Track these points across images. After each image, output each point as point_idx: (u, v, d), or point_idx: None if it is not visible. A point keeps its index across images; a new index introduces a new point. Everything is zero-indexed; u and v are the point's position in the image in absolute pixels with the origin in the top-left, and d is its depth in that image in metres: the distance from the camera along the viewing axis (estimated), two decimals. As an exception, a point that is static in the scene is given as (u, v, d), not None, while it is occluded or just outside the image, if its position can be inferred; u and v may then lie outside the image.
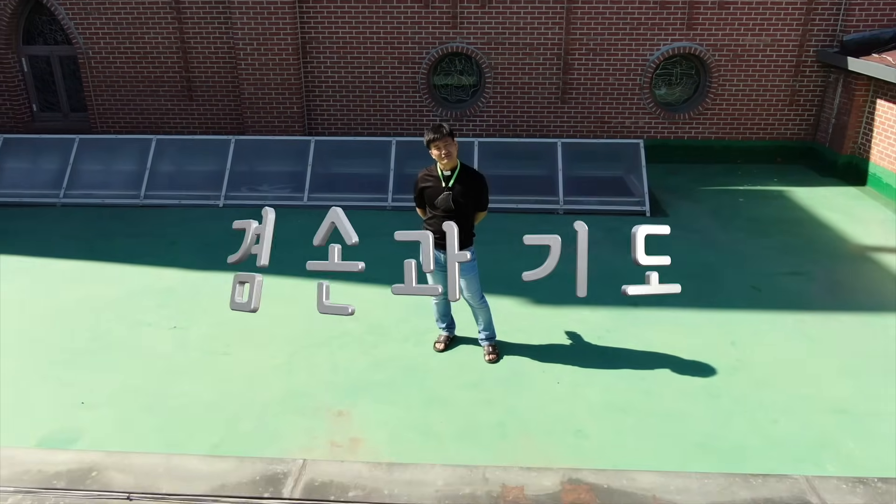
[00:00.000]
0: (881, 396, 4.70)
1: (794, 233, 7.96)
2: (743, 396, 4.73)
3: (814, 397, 4.73)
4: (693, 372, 5.07)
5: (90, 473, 2.80)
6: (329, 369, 5.08)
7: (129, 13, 10.35)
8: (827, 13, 9.73)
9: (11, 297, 6.36)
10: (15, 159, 9.19)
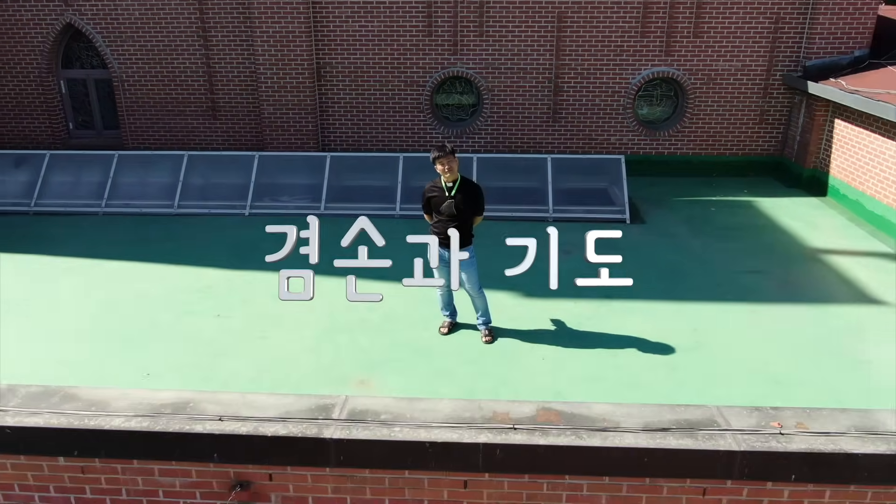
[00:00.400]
0: (812, 372, 5.69)
1: (757, 238, 8.97)
2: (696, 370, 5.71)
3: (756, 371, 5.71)
4: (658, 351, 6.04)
5: (188, 404, 3.75)
6: (351, 350, 6.06)
7: (161, 41, 11.41)
8: (791, 41, 10.80)
9: (73, 292, 7.35)
10: (60, 173, 10.21)
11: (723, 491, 3.57)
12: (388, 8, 10.97)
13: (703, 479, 3.54)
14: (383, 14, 11.01)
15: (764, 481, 3.51)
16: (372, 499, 3.69)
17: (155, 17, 11.31)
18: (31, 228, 9.41)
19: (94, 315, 6.76)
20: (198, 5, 11.16)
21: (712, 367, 5.76)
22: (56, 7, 11.35)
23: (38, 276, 7.78)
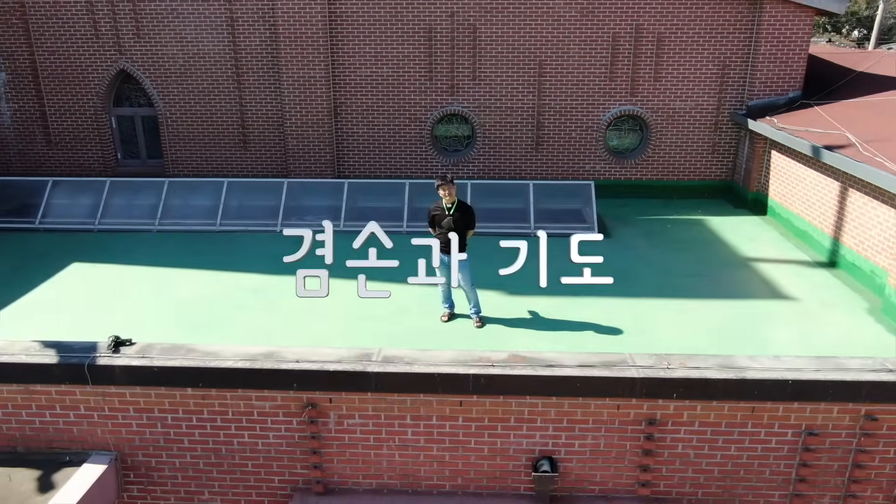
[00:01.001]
0: (721, 346, 7.51)
1: (702, 249, 10.85)
2: (633, 345, 7.54)
3: (675, 346, 7.54)
4: (608, 332, 7.88)
5: (274, 353, 5.54)
6: (371, 333, 7.87)
7: (200, 83, 13.36)
8: (736, 84, 12.79)
9: (144, 296, 9.17)
10: (119, 197, 12.09)
11: (630, 406, 5.38)
12: (395, 57, 12.94)
13: (617, 398, 5.36)
14: (390, 62, 12.99)
15: (656, 398, 5.33)
16: (398, 414, 5.50)
17: (196, 64, 13.27)
18: (98, 243, 11.26)
19: (166, 312, 8.56)
20: (233, 54, 13.13)
21: (643, 342, 7.59)
22: (112, 55, 13.30)
23: (114, 281, 9.63)
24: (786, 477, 5.52)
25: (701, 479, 5.57)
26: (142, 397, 5.63)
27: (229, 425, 5.68)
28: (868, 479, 5.48)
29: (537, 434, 5.52)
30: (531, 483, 5.62)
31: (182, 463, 5.83)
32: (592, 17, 12.55)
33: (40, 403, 5.69)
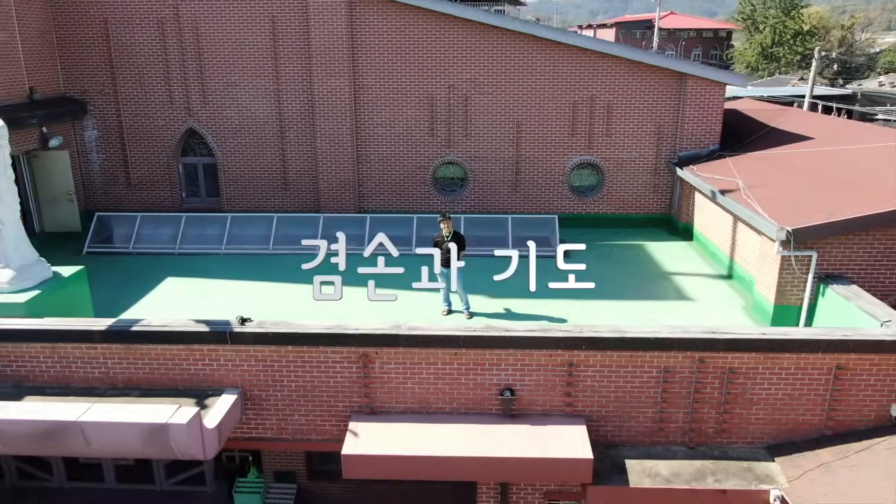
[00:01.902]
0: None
1: (639, 265, 14.45)
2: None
3: (607, 330, 11.07)
4: (558, 320, 11.42)
5: (340, 325, 9.02)
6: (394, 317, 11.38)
7: (251, 138, 17.02)
8: (669, 140, 16.51)
9: (227, 299, 12.69)
10: (192, 228, 15.68)
11: (557, 355, 8.87)
12: (405, 118, 16.65)
13: (549, 350, 8.87)
14: (401, 122, 16.69)
15: (573, 350, 8.84)
16: (417, 361, 8.98)
17: (249, 123, 16.96)
18: (181, 264, 14.82)
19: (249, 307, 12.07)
20: (278, 116, 16.83)
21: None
22: (182, 117, 16.99)
23: (201, 290, 13.18)
24: (654, 399, 9.03)
25: (602, 401, 9.07)
26: (259, 353, 9.15)
27: (312, 370, 9.19)
28: (703, 399, 9.00)
29: (502, 373, 9.03)
30: (500, 405, 9.12)
31: (282, 395, 9.33)
32: (557, 90, 16.30)
33: (195, 357, 9.19)
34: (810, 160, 14.12)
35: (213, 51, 16.50)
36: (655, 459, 9.10)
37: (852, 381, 8.94)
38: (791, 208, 11.50)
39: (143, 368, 9.25)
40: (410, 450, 8.70)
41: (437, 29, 16.08)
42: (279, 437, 9.54)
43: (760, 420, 9.13)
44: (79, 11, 16.36)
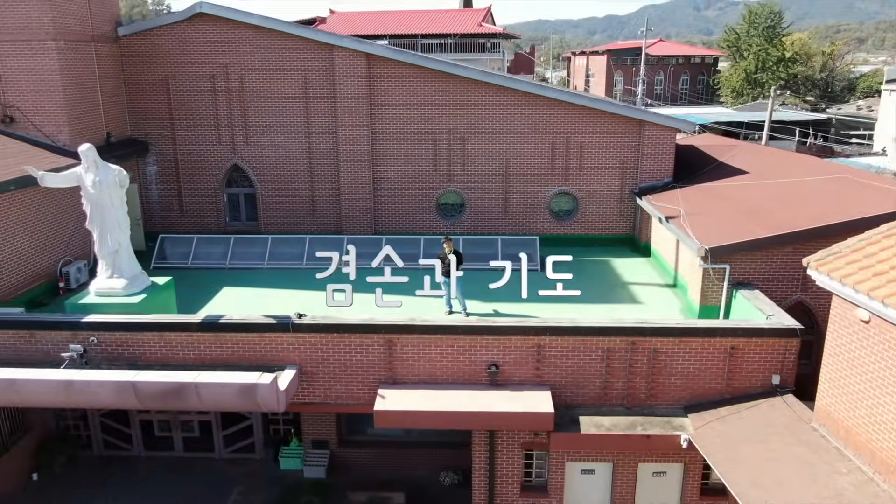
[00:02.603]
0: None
1: (603, 276, 17.84)
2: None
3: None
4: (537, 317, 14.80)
5: (372, 318, 12.37)
6: (408, 315, 14.78)
7: (286, 172, 20.49)
8: (631, 174, 19.97)
9: (277, 302, 16.05)
10: (240, 247, 19.10)
11: (529, 340, 12.21)
12: (413, 155, 20.12)
13: (522, 335, 12.22)
14: (410, 158, 20.16)
15: (540, 335, 12.20)
16: (428, 343, 12.31)
17: (283, 160, 20.44)
18: (232, 276, 18.21)
19: (297, 307, 15.44)
20: (308, 153, 20.31)
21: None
22: (228, 154, 20.49)
23: (254, 296, 16.56)
24: (600, 372, 12.42)
25: (562, 374, 12.44)
26: (311, 339, 12.53)
27: (350, 351, 12.57)
28: (636, 373, 12.37)
29: (489, 353, 12.40)
30: (487, 376, 12.49)
31: (327, 370, 12.69)
32: (539, 132, 19.82)
33: (266, 342, 12.57)
34: (739, 191, 17.59)
35: (254, 100, 20.03)
36: (601, 416, 12.49)
37: (743, 359, 12.35)
38: (714, 231, 14.92)
39: (227, 350, 12.65)
40: (422, 407, 12.09)
41: (438, 83, 19.61)
42: (325, 401, 12.93)
43: (678, 387, 12.52)
44: (145, 71, 19.90)
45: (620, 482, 13.34)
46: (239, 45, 19.67)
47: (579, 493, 13.56)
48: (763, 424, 11.68)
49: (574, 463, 13.23)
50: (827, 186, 16.49)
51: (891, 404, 9.60)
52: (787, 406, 12.01)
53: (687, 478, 13.29)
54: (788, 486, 10.00)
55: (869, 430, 10.06)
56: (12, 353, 12.79)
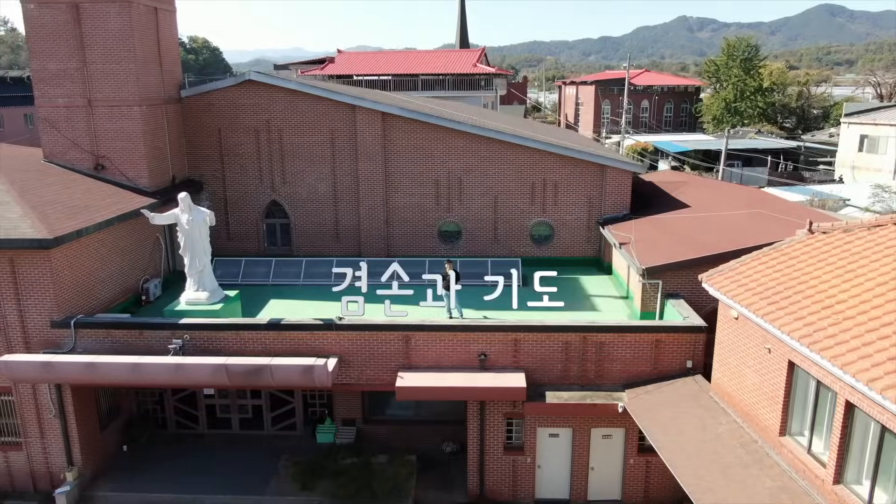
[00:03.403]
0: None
1: (573, 290, 22.38)
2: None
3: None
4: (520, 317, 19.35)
5: (395, 320, 16.79)
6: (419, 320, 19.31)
7: (315, 206, 25.10)
8: (596, 207, 24.61)
9: (313, 311, 20.56)
10: (279, 267, 23.67)
11: (508, 336, 16.69)
12: (419, 192, 24.76)
13: (503, 332, 16.74)
14: (416, 194, 24.79)
15: (516, 332, 16.70)
16: (436, 338, 16.82)
17: (313, 196, 25.05)
18: (275, 291, 22.73)
19: (330, 314, 19.99)
20: (333, 191, 24.93)
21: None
22: (268, 192, 25.11)
23: (301, 307, 21.07)
24: (561, 359, 16.93)
25: (533, 360, 16.95)
26: (348, 335, 17.04)
27: (378, 344, 17.07)
28: (587, 360, 16.90)
29: (480, 346, 16.93)
30: (478, 363, 17.02)
31: (360, 358, 17.18)
32: (521, 173, 24.49)
33: (315, 337, 17.06)
34: (678, 222, 22.22)
35: (290, 148, 24.69)
36: (561, 391, 17.01)
37: (665, 349, 16.90)
38: (653, 254, 19.50)
39: (286, 344, 17.17)
40: (431, 384, 16.60)
41: (439, 134, 24.31)
42: (358, 382, 17.42)
43: (618, 370, 17.06)
44: (201, 124, 24.58)
45: (578, 444, 17.81)
46: (278, 104, 24.38)
47: (548, 454, 18.03)
48: (676, 395, 16.21)
49: (543, 428, 17.72)
50: (743, 219, 21.13)
51: (749, 374, 14.16)
52: (695, 382, 16.55)
53: (627, 440, 17.77)
54: (685, 433, 14.52)
55: (739, 393, 14.61)
56: (125, 347, 17.28)
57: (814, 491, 12.03)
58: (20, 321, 17.41)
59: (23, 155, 22.76)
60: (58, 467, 18.45)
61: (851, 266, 13.35)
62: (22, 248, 16.74)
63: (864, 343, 10.99)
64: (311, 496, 17.59)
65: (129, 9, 20.86)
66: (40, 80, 21.44)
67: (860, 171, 54.28)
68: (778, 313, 12.89)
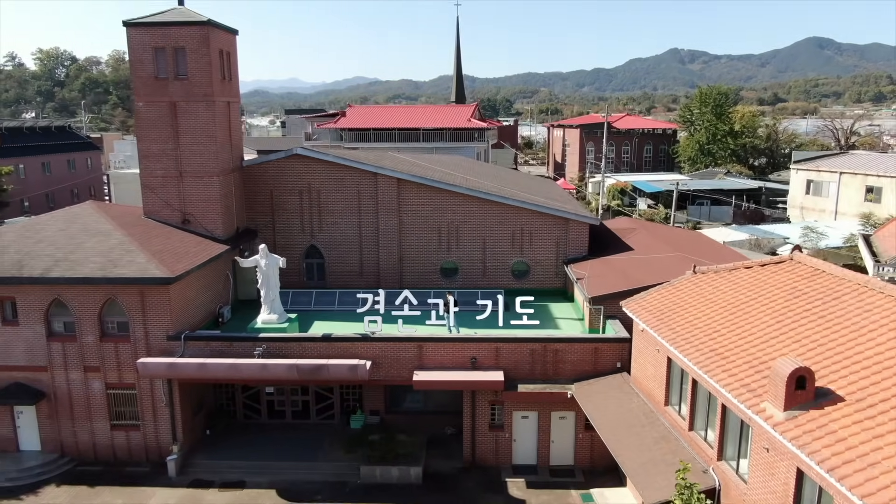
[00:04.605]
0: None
1: (544, 314, 29.55)
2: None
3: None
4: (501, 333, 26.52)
5: (413, 331, 23.85)
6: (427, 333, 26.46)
7: (344, 248, 32.35)
8: (563, 249, 31.89)
9: (347, 330, 27.73)
10: (319, 297, 30.84)
11: (491, 346, 23.82)
12: (424, 237, 32.05)
13: (489, 343, 23.81)
14: (423, 238, 32.09)
15: (497, 343, 23.80)
16: (440, 347, 23.94)
17: (343, 241, 32.31)
18: (317, 314, 29.85)
19: (361, 331, 27.12)
20: (359, 237, 32.21)
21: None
22: (307, 238, 32.39)
23: (332, 327, 28.23)
24: (529, 361, 24.06)
25: (510, 362, 24.03)
26: (378, 345, 24.16)
27: (398, 351, 24.16)
28: (547, 362, 24.00)
29: (472, 352, 24.03)
30: (471, 363, 24.13)
31: (387, 361, 24.22)
32: (504, 224, 31.85)
33: (354, 347, 24.17)
34: (622, 262, 29.49)
35: (325, 204, 32.01)
36: (529, 384, 24.13)
37: (602, 354, 24.09)
38: (599, 286, 26.72)
39: (333, 351, 24.30)
40: (438, 378, 23.73)
41: (440, 194, 31.68)
42: (385, 378, 24.51)
43: (569, 369, 24.21)
44: (257, 186, 31.94)
45: (542, 423, 24.84)
46: (317, 171, 31.79)
47: (521, 430, 25.05)
48: (607, 386, 23.33)
49: (517, 412, 24.77)
50: (668, 260, 28.41)
51: (649, 367, 21.32)
52: (621, 377, 23.68)
53: (577, 421, 24.80)
54: (610, 409, 21.64)
55: (644, 381, 21.77)
56: (219, 354, 24.36)
57: (680, 437, 19.13)
58: (145, 336, 24.55)
59: (128, 212, 30.07)
60: (165, 443, 25.41)
61: (712, 296, 20.62)
62: (150, 283, 23.92)
63: (703, 343, 18.21)
64: (351, 459, 24.58)
65: (212, 106, 28.31)
66: (145, 157, 28.82)
67: (808, 211, 61.86)
68: (661, 327, 20.12)
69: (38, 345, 24.92)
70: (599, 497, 23.26)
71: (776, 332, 17.21)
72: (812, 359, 15.43)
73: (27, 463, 25.30)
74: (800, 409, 13.97)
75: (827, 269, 19.37)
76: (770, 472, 14.66)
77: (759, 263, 21.62)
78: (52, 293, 24.41)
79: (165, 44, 27.65)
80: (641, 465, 18.59)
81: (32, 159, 65.24)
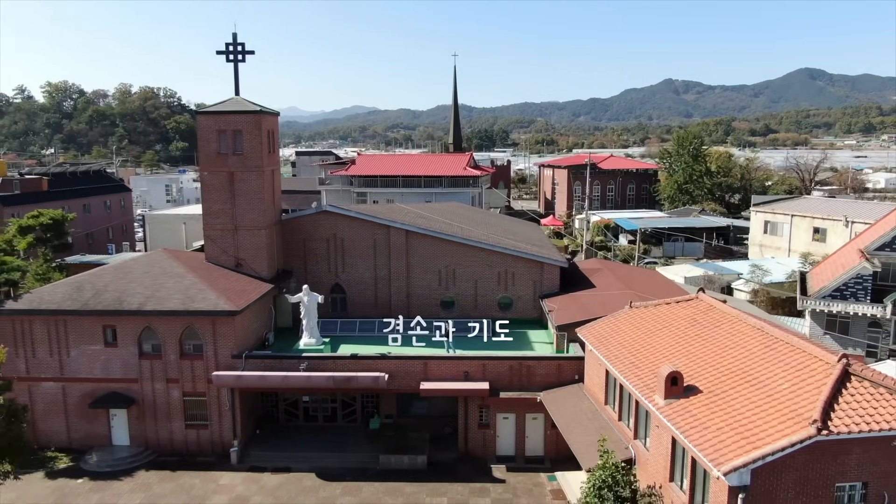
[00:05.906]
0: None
1: (523, 339, 37.10)
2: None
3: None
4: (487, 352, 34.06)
5: (419, 354, 31.22)
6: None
7: (363, 285, 39.99)
8: (539, 286, 39.58)
9: (366, 350, 35.27)
10: (343, 324, 38.40)
11: (479, 361, 31.30)
12: (429, 277, 39.73)
13: (478, 360, 31.30)
14: (427, 278, 39.77)
15: (486, 360, 31.27)
16: (441, 364, 31.40)
17: (362, 280, 39.96)
18: (343, 339, 37.34)
19: (381, 351, 34.67)
20: (374, 277, 39.87)
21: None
22: (333, 277, 40.05)
23: (356, 348, 35.78)
24: (508, 374, 31.58)
25: (494, 375, 31.53)
26: (392, 362, 31.65)
27: (409, 367, 31.65)
28: (521, 375, 31.52)
29: (464, 367, 31.53)
30: (464, 376, 31.62)
31: (399, 374, 31.74)
32: (491, 266, 39.58)
33: (375, 364, 31.65)
34: (585, 297, 37.11)
35: (348, 250, 39.73)
36: (508, 391, 31.64)
37: (564, 369, 31.69)
38: (564, 316, 34.30)
39: (358, 367, 31.84)
40: (439, 387, 31.27)
41: (441, 243, 39.42)
42: (398, 387, 32.02)
43: (538, 381, 31.75)
44: (293, 235, 39.69)
45: (519, 422, 32.25)
46: (341, 223, 39.59)
47: (502, 428, 32.47)
48: (567, 394, 30.83)
49: (500, 413, 32.21)
50: (621, 296, 36.04)
51: (595, 378, 28.87)
52: (578, 387, 31.19)
53: (546, 420, 32.20)
54: (568, 409, 29.15)
55: (593, 388, 29.31)
56: (271, 368, 31.86)
57: (613, 427, 26.63)
58: (214, 355, 32.09)
59: (192, 257, 37.81)
60: (227, 439, 32.78)
61: (639, 324, 28.26)
62: (220, 316, 31.53)
63: (626, 358, 25.79)
64: (371, 450, 31.99)
65: (262, 174, 36.18)
66: (208, 214, 36.60)
67: (766, 248, 69.72)
68: (601, 347, 27.73)
69: (131, 362, 32.45)
70: (561, 478, 30.65)
71: (673, 350, 24.84)
72: (689, 367, 23.04)
73: (120, 454, 32.65)
74: (674, 399, 21.54)
75: (718, 306, 27.04)
76: (659, 441, 22.19)
77: (675, 300, 29.29)
78: (145, 322, 32.01)
79: (227, 127, 35.63)
80: (585, 445, 26.06)
81: (75, 202, 73.04)
